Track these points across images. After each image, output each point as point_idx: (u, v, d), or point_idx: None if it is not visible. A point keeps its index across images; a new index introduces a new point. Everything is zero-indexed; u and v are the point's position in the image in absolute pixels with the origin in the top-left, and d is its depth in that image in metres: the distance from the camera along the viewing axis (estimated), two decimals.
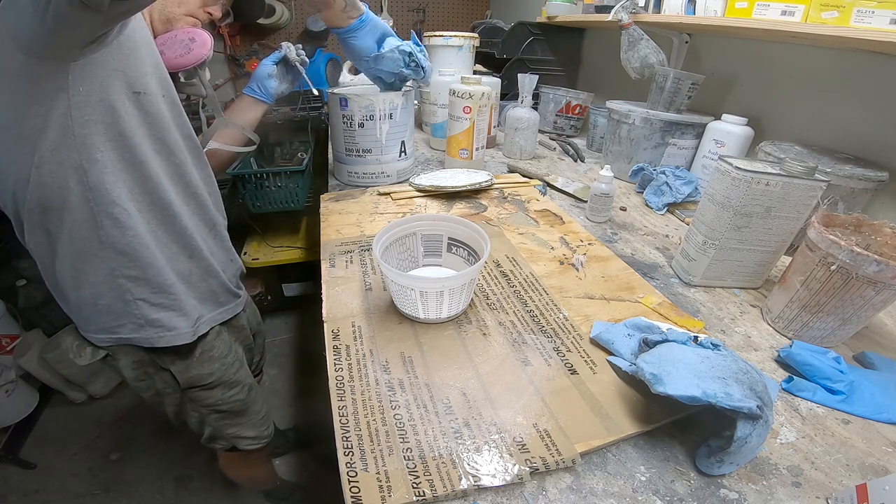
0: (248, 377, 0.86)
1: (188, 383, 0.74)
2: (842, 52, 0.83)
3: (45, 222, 0.57)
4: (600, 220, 0.92)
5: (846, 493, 0.38)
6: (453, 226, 0.65)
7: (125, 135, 0.56)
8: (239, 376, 0.82)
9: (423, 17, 2.38)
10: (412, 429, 0.44)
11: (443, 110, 1.27)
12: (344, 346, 0.54)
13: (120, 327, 0.66)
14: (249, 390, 0.85)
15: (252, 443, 0.89)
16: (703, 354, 0.45)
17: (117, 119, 0.55)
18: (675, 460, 0.43)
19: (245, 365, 0.86)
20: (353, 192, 0.98)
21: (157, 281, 0.65)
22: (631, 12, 1.08)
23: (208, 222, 0.74)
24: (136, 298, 0.64)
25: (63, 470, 1.39)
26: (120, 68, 0.53)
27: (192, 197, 0.69)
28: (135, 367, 0.72)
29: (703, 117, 1.04)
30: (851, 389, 0.51)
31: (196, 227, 0.70)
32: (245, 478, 1.10)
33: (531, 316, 0.61)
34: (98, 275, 0.61)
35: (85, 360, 0.68)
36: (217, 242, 0.77)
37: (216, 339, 0.77)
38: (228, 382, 0.80)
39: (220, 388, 0.79)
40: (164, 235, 0.65)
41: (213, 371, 0.76)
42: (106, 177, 0.56)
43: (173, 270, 0.68)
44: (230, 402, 0.81)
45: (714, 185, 0.66)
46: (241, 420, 0.86)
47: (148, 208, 0.62)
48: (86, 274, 0.61)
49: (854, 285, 0.52)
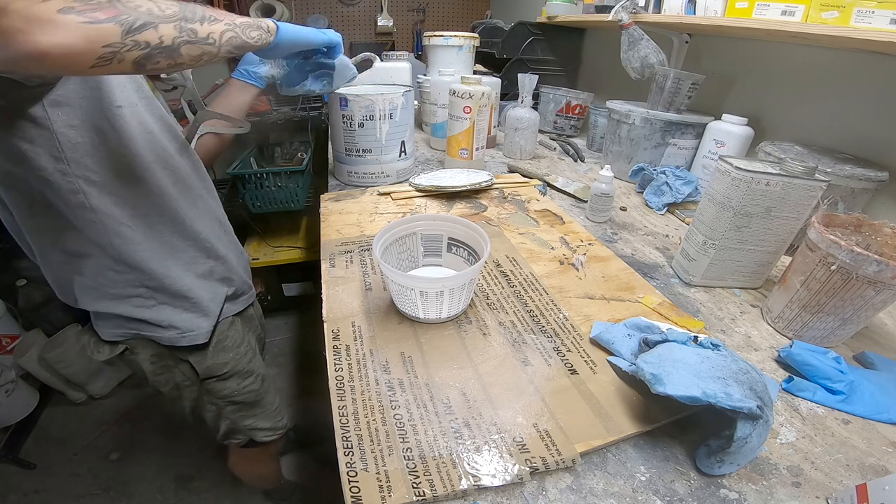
0: (260, 367, 0.87)
1: (206, 374, 0.75)
2: (842, 52, 0.83)
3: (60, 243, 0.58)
4: (600, 220, 0.92)
5: (846, 493, 0.38)
6: (453, 226, 0.65)
7: (117, 153, 0.56)
8: (252, 366, 0.83)
9: (423, 17, 2.38)
10: (412, 429, 0.44)
11: (443, 110, 1.27)
12: (344, 346, 0.54)
13: (140, 327, 0.66)
14: (263, 380, 0.86)
15: (269, 434, 0.90)
16: (703, 354, 0.45)
17: (105, 138, 0.54)
18: (675, 460, 0.43)
19: (258, 355, 0.87)
20: (353, 192, 0.98)
21: (175, 288, 0.66)
22: (631, 12, 1.08)
23: (216, 220, 0.74)
24: (160, 303, 0.66)
25: (63, 470, 1.39)
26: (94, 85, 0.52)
27: (197, 199, 0.69)
28: (153, 361, 0.72)
29: (703, 117, 1.04)
30: (851, 389, 0.51)
31: (208, 227, 0.71)
32: (254, 475, 1.10)
33: (531, 316, 0.61)
34: (117, 287, 0.62)
35: (104, 355, 0.69)
36: (228, 237, 0.78)
37: (229, 328, 0.77)
38: (243, 372, 0.81)
39: (235, 378, 0.79)
40: (179, 242, 0.66)
41: (228, 361, 0.77)
42: (106, 198, 0.56)
43: (194, 273, 0.68)
44: (245, 392, 0.82)
45: (714, 185, 0.66)
46: (257, 411, 0.87)
47: (158, 220, 0.62)
48: (105, 286, 0.62)
49: (854, 285, 0.52)
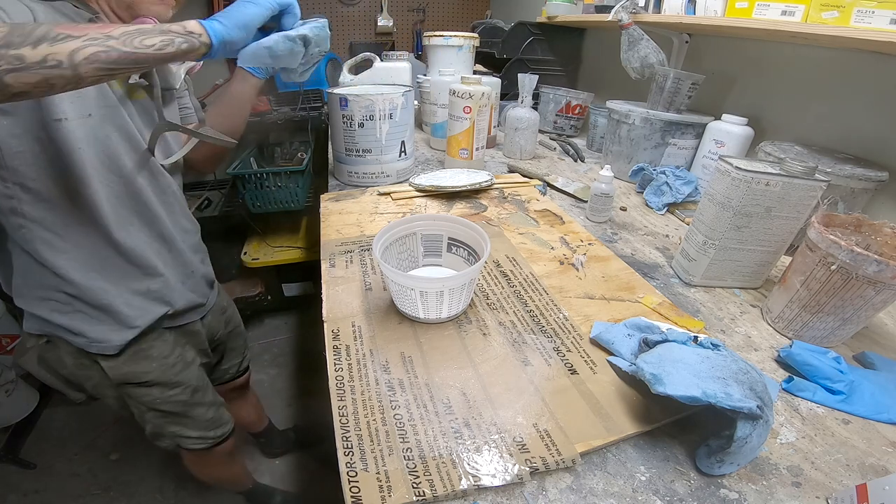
0: (193, 380, 0.82)
1: (121, 379, 0.74)
2: (842, 52, 0.83)
3: None
4: (600, 220, 0.92)
5: (846, 493, 0.38)
6: (453, 226, 0.65)
7: (56, 164, 0.56)
8: (181, 378, 0.80)
9: (423, 17, 2.38)
10: (412, 429, 0.44)
11: (443, 110, 1.27)
12: (344, 346, 0.54)
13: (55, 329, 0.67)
14: (194, 392, 0.83)
15: (196, 442, 0.87)
16: (703, 354, 0.45)
17: (45, 149, 0.54)
18: (675, 460, 0.43)
19: (193, 367, 0.83)
20: (353, 192, 0.98)
21: (96, 300, 0.65)
22: (631, 12, 1.08)
23: (159, 238, 0.71)
24: (76, 311, 0.66)
25: (63, 470, 1.39)
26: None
27: (138, 214, 0.66)
28: (74, 356, 0.72)
29: (703, 117, 1.04)
30: (851, 389, 0.51)
31: (145, 245, 0.68)
32: (210, 477, 1.06)
33: (531, 316, 0.61)
34: (37, 290, 0.64)
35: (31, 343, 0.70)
36: (174, 256, 0.74)
37: (156, 339, 0.75)
38: (168, 383, 0.78)
39: (159, 387, 0.77)
40: (110, 256, 0.65)
41: (150, 370, 0.75)
42: (39, 205, 0.57)
43: (125, 288, 0.67)
44: (170, 402, 0.80)
45: (714, 185, 0.66)
46: (184, 420, 0.84)
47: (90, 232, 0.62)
48: (29, 286, 0.64)
49: (854, 285, 0.52)
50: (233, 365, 1.05)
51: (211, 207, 1.80)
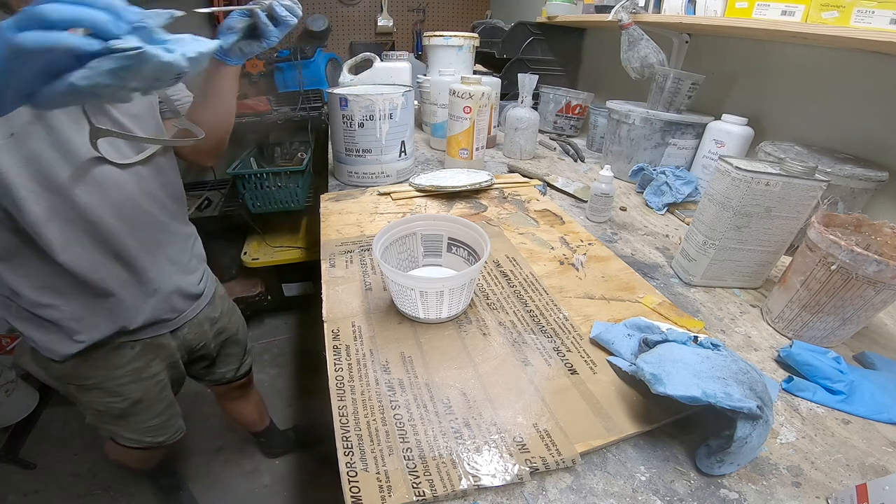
0: (138, 392, 0.80)
1: (64, 378, 0.75)
2: (842, 52, 0.83)
3: None
4: (600, 220, 0.92)
5: (846, 493, 0.38)
6: (453, 226, 0.65)
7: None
8: (125, 390, 0.78)
9: (423, 17, 2.38)
10: (412, 429, 0.44)
11: (443, 110, 1.27)
12: (344, 346, 0.54)
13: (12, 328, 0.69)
14: (135, 404, 0.81)
15: (130, 442, 0.86)
16: (703, 354, 0.45)
17: None
18: (675, 460, 0.43)
19: (148, 382, 0.81)
20: (353, 192, 0.98)
21: (44, 314, 0.66)
22: (631, 12, 1.08)
23: (116, 256, 0.67)
24: (25, 319, 0.67)
25: (63, 470, 1.39)
26: None
27: (87, 232, 0.63)
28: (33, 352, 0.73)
29: (702, 117, 1.04)
30: (851, 389, 0.51)
31: (99, 264, 0.65)
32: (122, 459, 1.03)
33: (531, 316, 0.61)
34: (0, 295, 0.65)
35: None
36: (133, 275, 0.70)
37: (111, 350, 0.75)
38: (110, 390, 0.78)
39: (99, 392, 0.77)
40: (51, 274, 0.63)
41: (92, 377, 0.75)
42: None
43: (77, 304, 0.67)
44: (108, 406, 0.80)
45: (714, 185, 0.66)
46: (119, 423, 0.83)
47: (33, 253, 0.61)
48: None
49: (854, 285, 0.52)
50: (229, 370, 1.04)
51: (211, 207, 1.80)
